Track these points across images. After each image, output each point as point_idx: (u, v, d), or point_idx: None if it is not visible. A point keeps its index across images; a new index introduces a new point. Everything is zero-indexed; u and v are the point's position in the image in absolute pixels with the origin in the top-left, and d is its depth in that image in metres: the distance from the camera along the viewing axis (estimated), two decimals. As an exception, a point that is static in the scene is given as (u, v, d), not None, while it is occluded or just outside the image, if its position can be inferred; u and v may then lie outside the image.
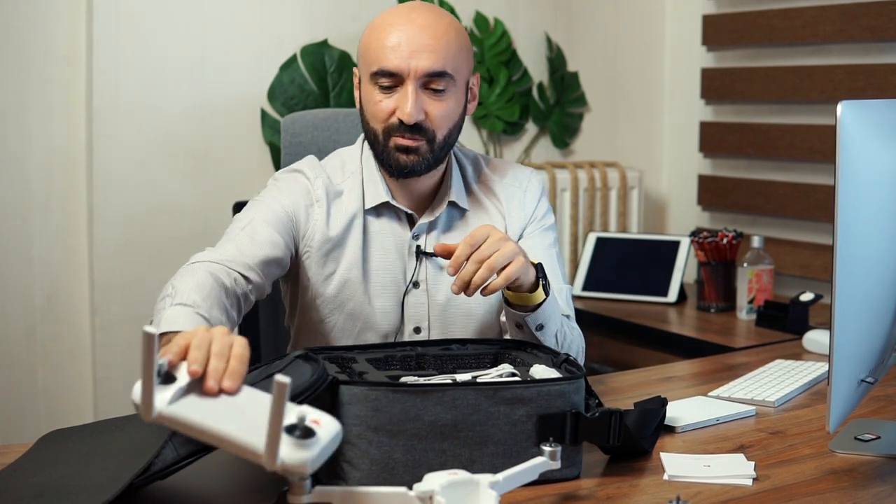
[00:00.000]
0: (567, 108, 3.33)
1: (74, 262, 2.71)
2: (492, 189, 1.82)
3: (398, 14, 1.68)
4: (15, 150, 2.62)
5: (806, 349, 2.17)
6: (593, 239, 3.08)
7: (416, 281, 1.75)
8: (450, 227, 1.78)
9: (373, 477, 1.25)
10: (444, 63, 1.65)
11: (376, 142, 1.70)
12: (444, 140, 1.69)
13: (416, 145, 1.66)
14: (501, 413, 1.29)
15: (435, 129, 1.67)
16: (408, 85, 1.64)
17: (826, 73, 2.91)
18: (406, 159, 1.67)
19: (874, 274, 1.33)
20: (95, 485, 1.17)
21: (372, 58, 1.66)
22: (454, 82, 1.67)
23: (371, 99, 1.68)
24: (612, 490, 1.31)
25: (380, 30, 1.67)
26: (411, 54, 1.63)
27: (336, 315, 1.74)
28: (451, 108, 1.68)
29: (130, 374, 2.73)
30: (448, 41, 1.66)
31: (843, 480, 1.36)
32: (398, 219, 1.75)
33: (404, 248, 1.75)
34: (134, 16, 2.68)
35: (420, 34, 1.64)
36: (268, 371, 1.37)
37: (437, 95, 1.66)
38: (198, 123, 2.79)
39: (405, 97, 1.64)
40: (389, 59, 1.64)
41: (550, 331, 1.62)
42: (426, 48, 1.64)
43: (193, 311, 1.43)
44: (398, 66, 1.63)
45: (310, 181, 1.73)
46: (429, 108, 1.66)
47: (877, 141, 1.29)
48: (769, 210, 3.13)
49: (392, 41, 1.64)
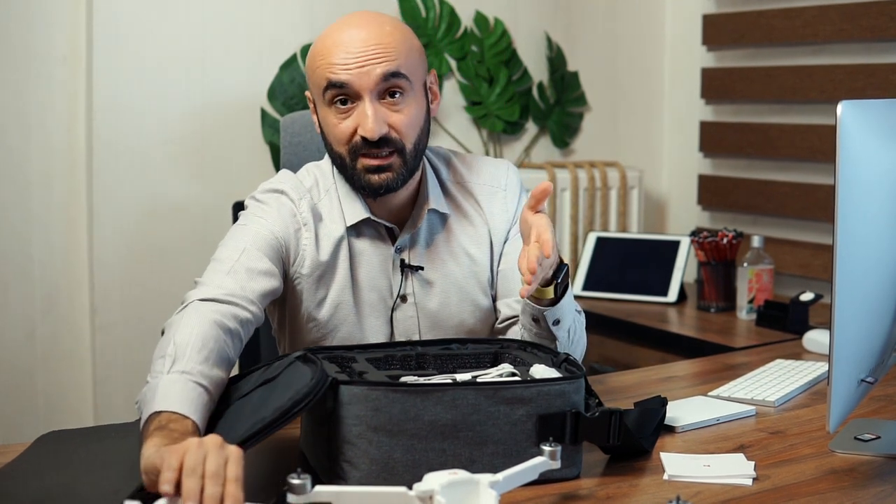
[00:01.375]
0: (567, 107, 3.33)
1: (74, 262, 2.71)
2: (469, 190, 1.76)
3: (338, 30, 1.60)
4: (15, 151, 2.62)
5: (806, 349, 2.17)
6: (593, 239, 3.08)
7: (404, 295, 1.71)
8: (432, 236, 1.73)
9: (373, 477, 1.25)
10: (398, 64, 1.57)
11: (344, 166, 1.63)
12: (415, 148, 1.62)
13: (386, 163, 1.59)
14: (501, 413, 1.29)
15: (402, 138, 1.60)
16: (364, 98, 1.57)
17: (826, 73, 2.91)
18: (379, 179, 1.60)
19: (874, 274, 1.33)
20: (97, 494, 1.17)
21: (321, 76, 1.59)
22: (411, 84, 1.60)
23: (329, 122, 1.61)
24: (612, 490, 1.31)
25: (324, 48, 1.59)
26: (361, 64, 1.56)
27: (328, 339, 1.69)
28: (414, 113, 1.61)
29: (130, 374, 2.73)
30: (395, 42, 1.59)
31: (843, 480, 1.36)
32: (379, 234, 1.69)
33: (388, 264, 1.70)
34: (134, 16, 2.68)
35: (366, 42, 1.57)
36: (266, 374, 1.37)
37: (396, 104, 1.59)
38: (198, 123, 2.79)
39: (363, 113, 1.57)
40: (338, 73, 1.56)
41: (565, 326, 1.60)
42: (375, 54, 1.56)
43: (191, 380, 1.33)
44: (349, 80, 1.56)
45: (294, 203, 1.66)
46: (391, 119, 1.58)
47: (877, 141, 1.29)
48: (769, 210, 3.13)
49: (339, 56, 1.57)
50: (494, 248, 1.75)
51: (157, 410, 1.28)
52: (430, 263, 1.71)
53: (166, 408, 1.28)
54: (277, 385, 1.31)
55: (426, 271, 1.71)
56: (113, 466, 1.24)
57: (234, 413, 1.32)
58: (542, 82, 3.27)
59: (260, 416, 1.22)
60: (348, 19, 1.62)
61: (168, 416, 1.27)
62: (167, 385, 1.31)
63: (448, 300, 1.73)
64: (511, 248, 1.75)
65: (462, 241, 1.74)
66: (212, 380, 1.36)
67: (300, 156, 2.06)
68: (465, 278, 1.73)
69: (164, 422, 1.25)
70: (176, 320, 1.45)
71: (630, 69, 3.47)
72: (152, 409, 1.28)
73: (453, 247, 1.73)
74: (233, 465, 1.11)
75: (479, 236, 1.75)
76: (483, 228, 1.75)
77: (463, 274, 1.73)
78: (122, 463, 1.24)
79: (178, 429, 1.25)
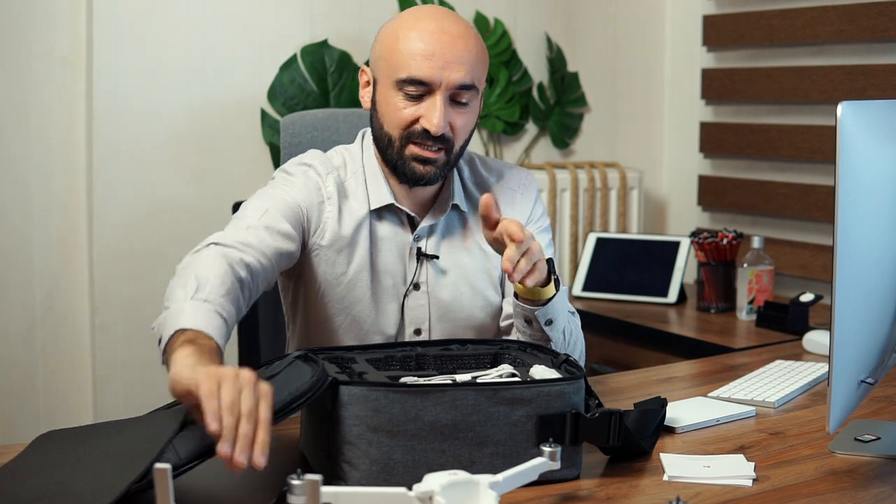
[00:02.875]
0: (567, 108, 3.33)
1: (74, 262, 2.71)
2: (488, 190, 1.81)
3: (428, 20, 1.64)
4: (15, 151, 2.62)
5: (806, 350, 2.17)
6: (593, 239, 3.08)
7: (417, 283, 1.74)
8: (450, 230, 1.77)
9: (372, 477, 1.25)
10: (473, 76, 1.64)
11: (390, 147, 1.67)
12: (460, 150, 1.70)
13: (435, 157, 1.65)
14: (501, 413, 1.29)
15: (455, 140, 1.67)
16: (437, 95, 1.62)
17: (826, 74, 2.91)
18: (423, 170, 1.66)
19: (874, 274, 1.33)
20: (91, 490, 1.17)
21: (400, 63, 1.62)
22: (476, 94, 1.68)
23: (392, 104, 1.65)
24: (612, 490, 1.31)
25: (409, 35, 1.63)
26: (445, 65, 1.60)
27: (342, 317, 1.72)
28: (471, 119, 1.69)
29: (130, 374, 2.73)
30: (477, 53, 1.65)
31: (843, 481, 1.36)
32: (400, 221, 1.74)
33: (405, 251, 1.74)
34: (134, 16, 2.68)
35: (454, 45, 1.62)
36: (267, 372, 1.37)
37: (461, 107, 1.65)
38: (198, 123, 2.79)
39: (433, 107, 1.62)
40: (422, 68, 1.60)
41: (559, 326, 1.62)
42: (459, 60, 1.62)
43: (213, 309, 1.37)
44: (430, 77, 1.61)
45: (321, 177, 1.71)
46: (453, 120, 1.64)
47: (877, 141, 1.29)
48: (769, 210, 3.13)
49: (425, 49, 1.61)
50: None
51: (184, 328, 1.31)
52: (446, 255, 1.76)
53: (194, 326, 1.32)
54: (277, 383, 1.31)
55: (440, 261, 1.75)
56: (108, 462, 1.24)
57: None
58: (542, 83, 3.27)
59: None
60: (438, 15, 1.66)
61: (195, 332, 1.30)
62: (193, 308, 1.35)
63: (459, 292, 1.76)
64: None
65: (477, 238, 1.77)
66: (230, 315, 1.41)
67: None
68: (477, 272, 1.77)
69: (193, 337, 1.29)
70: (193, 259, 1.50)
71: (630, 69, 3.47)
72: (178, 326, 1.31)
73: (468, 242, 1.77)
74: (264, 406, 1.14)
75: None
76: None
77: (476, 268, 1.77)
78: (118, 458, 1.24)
79: (207, 344, 1.28)
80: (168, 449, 1.20)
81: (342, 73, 2.91)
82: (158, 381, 2.74)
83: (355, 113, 2.28)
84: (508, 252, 1.46)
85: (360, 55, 2.94)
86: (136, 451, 1.22)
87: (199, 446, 1.19)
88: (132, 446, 1.24)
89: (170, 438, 1.21)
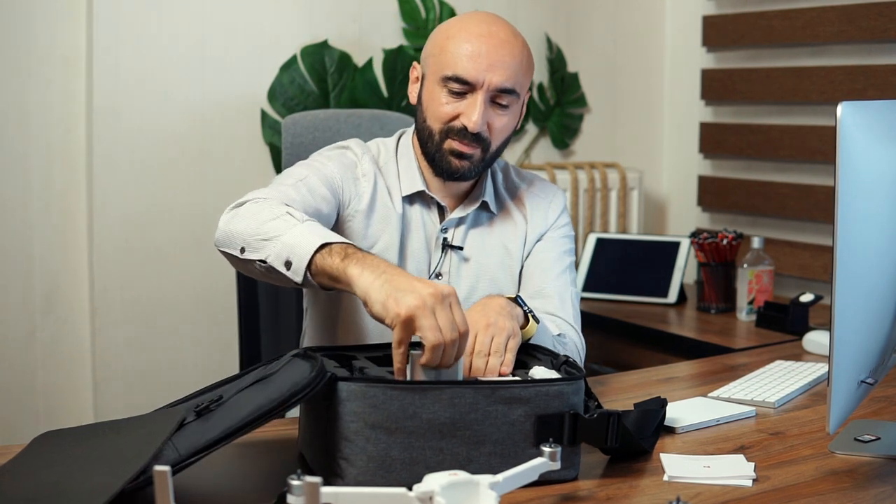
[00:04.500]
0: (567, 108, 3.33)
1: (74, 262, 2.71)
2: (519, 196, 1.87)
3: (478, 24, 1.71)
4: (15, 150, 2.62)
5: (806, 350, 2.17)
6: (593, 240, 3.08)
7: (440, 272, 1.78)
8: (477, 225, 1.82)
9: (370, 474, 1.25)
10: (515, 81, 1.69)
11: (430, 140, 1.73)
12: (497, 150, 1.75)
13: (471, 152, 1.71)
14: (499, 412, 1.29)
15: (492, 140, 1.72)
16: (478, 95, 1.68)
17: (826, 74, 2.91)
18: (459, 164, 1.72)
19: (874, 274, 1.33)
20: (88, 490, 1.16)
21: (447, 61, 1.69)
22: (517, 99, 1.73)
23: (436, 99, 1.71)
24: (612, 491, 1.31)
25: (459, 35, 1.70)
26: (489, 67, 1.67)
27: None
28: (510, 122, 1.74)
29: (130, 374, 2.73)
30: (522, 60, 1.71)
31: (844, 481, 1.36)
32: (430, 210, 1.79)
33: (431, 239, 1.79)
34: (134, 16, 2.67)
35: (499, 49, 1.68)
36: (266, 371, 1.37)
37: (500, 109, 1.71)
38: (198, 123, 2.78)
39: (473, 106, 1.68)
40: (466, 67, 1.67)
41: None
42: (503, 64, 1.68)
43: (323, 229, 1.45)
44: (474, 76, 1.67)
45: (357, 157, 1.77)
46: (491, 121, 1.70)
47: (877, 142, 1.29)
48: (769, 211, 3.13)
49: (471, 50, 1.67)
50: (527, 246, 1.85)
51: (326, 242, 1.39)
52: (470, 248, 1.81)
53: (334, 240, 1.40)
54: (276, 379, 1.31)
55: (464, 253, 1.80)
56: (105, 461, 1.24)
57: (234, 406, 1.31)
58: (542, 83, 3.27)
59: (257, 405, 1.22)
60: (489, 20, 1.73)
61: (342, 246, 1.38)
62: (315, 227, 1.44)
63: (479, 286, 1.80)
64: (540, 248, 1.84)
65: (502, 238, 1.83)
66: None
67: (302, 157, 2.05)
68: (498, 268, 1.82)
69: (349, 250, 1.37)
70: (249, 207, 1.53)
71: (630, 70, 3.47)
72: (317, 244, 1.39)
73: (493, 240, 1.83)
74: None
75: (518, 234, 1.84)
76: (522, 228, 1.85)
77: (497, 264, 1.82)
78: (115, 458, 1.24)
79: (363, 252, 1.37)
80: (167, 446, 1.20)
81: (342, 74, 2.90)
82: (158, 381, 2.76)
83: (356, 114, 2.28)
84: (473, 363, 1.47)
85: (360, 55, 2.94)
86: (133, 450, 1.22)
87: (199, 442, 1.19)
88: (129, 446, 1.24)
89: (168, 437, 1.21)
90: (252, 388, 1.33)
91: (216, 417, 1.28)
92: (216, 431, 1.20)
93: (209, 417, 1.28)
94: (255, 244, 1.46)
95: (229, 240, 1.51)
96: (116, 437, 1.32)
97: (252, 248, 1.47)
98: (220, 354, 2.78)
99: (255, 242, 1.46)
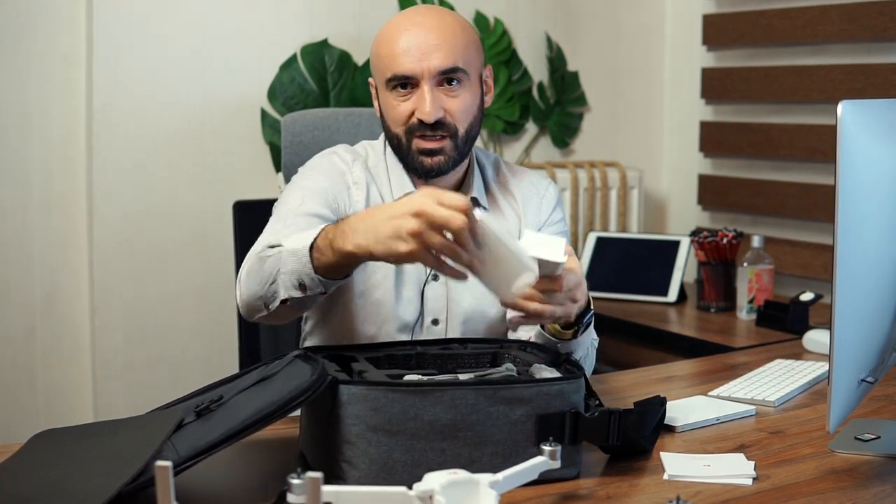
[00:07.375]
0: (567, 107, 3.33)
1: (74, 262, 2.71)
2: (510, 190, 1.85)
3: (404, 19, 1.71)
4: (15, 150, 2.62)
5: (806, 349, 2.17)
6: (593, 238, 3.08)
7: (436, 274, 1.76)
8: None
9: (372, 476, 1.25)
10: (455, 59, 1.68)
11: (400, 146, 1.72)
12: (467, 133, 1.72)
13: (439, 146, 1.69)
14: (501, 413, 1.29)
15: (456, 123, 1.70)
16: (423, 85, 1.67)
17: (826, 73, 2.91)
18: (431, 162, 1.70)
19: (874, 274, 1.33)
20: (86, 491, 1.16)
21: (385, 65, 1.69)
22: (467, 76, 1.70)
23: (389, 104, 1.71)
24: (612, 490, 1.31)
25: (388, 37, 1.70)
26: (422, 56, 1.66)
27: (362, 300, 1.73)
28: (468, 101, 1.71)
29: (130, 374, 2.73)
30: (455, 37, 1.69)
31: (844, 480, 1.36)
32: None
33: None
34: (134, 16, 2.67)
35: (428, 35, 1.67)
36: (266, 371, 1.37)
37: (452, 91, 1.69)
38: (198, 123, 2.78)
39: (422, 97, 1.67)
40: (402, 63, 1.67)
41: (577, 356, 1.61)
42: (436, 48, 1.67)
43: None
44: (411, 69, 1.66)
45: (347, 165, 1.77)
46: (447, 105, 1.68)
47: (877, 141, 1.29)
48: (769, 210, 3.13)
49: (402, 46, 1.67)
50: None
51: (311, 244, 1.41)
52: None
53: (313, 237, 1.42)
54: (276, 381, 1.31)
55: None
56: (103, 462, 1.24)
57: (234, 407, 1.32)
58: (542, 82, 3.27)
59: (256, 408, 1.22)
60: (414, 12, 1.73)
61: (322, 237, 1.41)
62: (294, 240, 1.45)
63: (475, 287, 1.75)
64: None
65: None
66: None
67: (301, 156, 2.06)
68: None
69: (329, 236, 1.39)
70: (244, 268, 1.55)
71: (630, 69, 3.47)
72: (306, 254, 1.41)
73: None
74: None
75: (511, 230, 1.81)
76: (515, 224, 1.82)
77: None
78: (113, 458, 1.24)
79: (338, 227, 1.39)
80: (166, 446, 1.20)
81: (342, 73, 2.90)
82: (158, 380, 2.76)
83: (356, 112, 2.28)
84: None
85: (360, 55, 2.94)
86: (130, 451, 1.22)
87: (199, 444, 1.19)
88: (127, 446, 1.23)
89: (167, 437, 1.21)
90: (252, 389, 1.33)
91: (216, 419, 1.28)
92: (216, 434, 1.20)
93: (209, 418, 1.28)
94: (269, 294, 1.48)
95: (252, 307, 1.52)
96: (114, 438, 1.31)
97: (270, 299, 1.48)
98: (220, 354, 2.77)
99: (268, 293, 1.48)
